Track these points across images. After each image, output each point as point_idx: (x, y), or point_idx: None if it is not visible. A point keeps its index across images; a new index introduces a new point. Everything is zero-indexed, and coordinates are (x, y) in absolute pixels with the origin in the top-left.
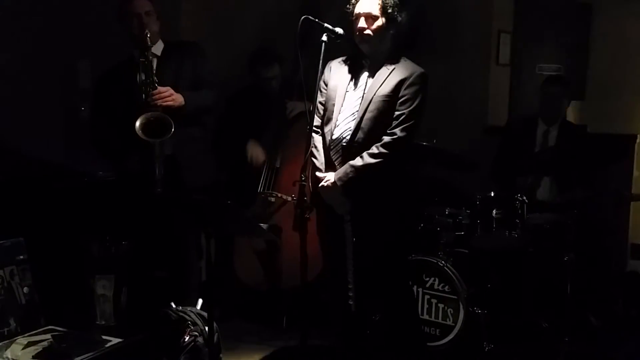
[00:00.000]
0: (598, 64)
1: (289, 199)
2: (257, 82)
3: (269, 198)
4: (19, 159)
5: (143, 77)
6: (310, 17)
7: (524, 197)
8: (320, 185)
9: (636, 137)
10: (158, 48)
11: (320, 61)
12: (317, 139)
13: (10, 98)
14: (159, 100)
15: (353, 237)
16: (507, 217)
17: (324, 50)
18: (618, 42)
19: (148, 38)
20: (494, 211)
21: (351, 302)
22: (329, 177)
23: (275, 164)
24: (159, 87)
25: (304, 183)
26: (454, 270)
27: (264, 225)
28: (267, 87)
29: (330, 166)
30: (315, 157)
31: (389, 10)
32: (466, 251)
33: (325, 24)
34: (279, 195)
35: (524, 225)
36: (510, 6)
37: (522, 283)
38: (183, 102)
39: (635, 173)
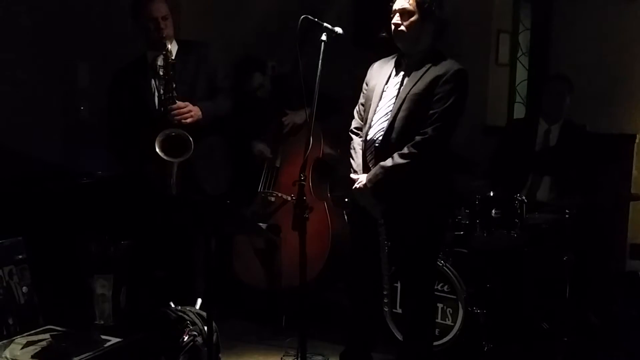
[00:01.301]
0: (598, 63)
1: (289, 198)
2: (245, 89)
3: (269, 197)
4: (18, 159)
5: (162, 91)
6: (309, 16)
7: (523, 197)
8: (353, 187)
9: (635, 137)
10: (173, 49)
11: (320, 61)
12: (357, 141)
13: (10, 98)
14: (178, 117)
15: (387, 240)
16: (506, 217)
17: (323, 50)
18: (617, 41)
19: (170, 53)
20: (493, 211)
21: (386, 309)
22: (362, 179)
23: (275, 163)
24: (177, 103)
25: (303, 183)
26: (453, 270)
27: (263, 225)
28: (253, 97)
29: (366, 168)
30: (352, 159)
31: (425, 6)
32: (465, 251)
33: (325, 24)
34: (279, 194)
35: (523, 225)
36: (509, 6)
37: (521, 283)
38: (201, 116)
39: (635, 173)
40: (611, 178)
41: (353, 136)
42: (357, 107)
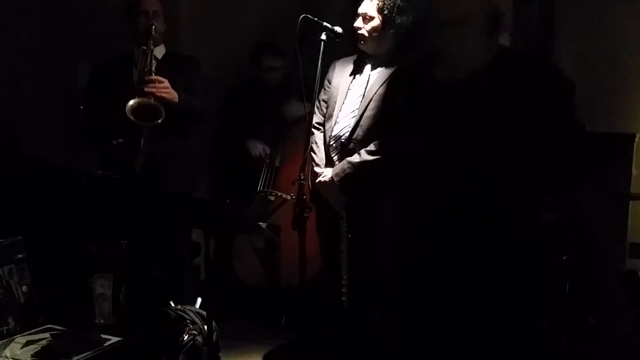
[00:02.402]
0: (596, 62)
1: (289, 197)
2: (260, 73)
3: (269, 197)
4: (18, 158)
5: (142, 64)
6: (309, 15)
7: None
8: (317, 181)
9: (635, 136)
10: (159, 52)
11: (320, 60)
12: (318, 136)
13: (9, 98)
14: (154, 89)
15: (347, 233)
16: None
17: (323, 49)
18: (616, 40)
19: (154, 28)
20: None
21: (344, 298)
22: (326, 173)
23: (275, 162)
24: (157, 77)
25: (303, 182)
26: None
27: (263, 224)
28: (270, 78)
29: (329, 162)
30: (315, 153)
31: (386, 12)
32: None
33: (325, 23)
34: (279, 194)
35: None
36: (509, 6)
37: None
38: (176, 99)
39: (634, 172)
40: (610, 177)
41: (315, 131)
42: (317, 103)
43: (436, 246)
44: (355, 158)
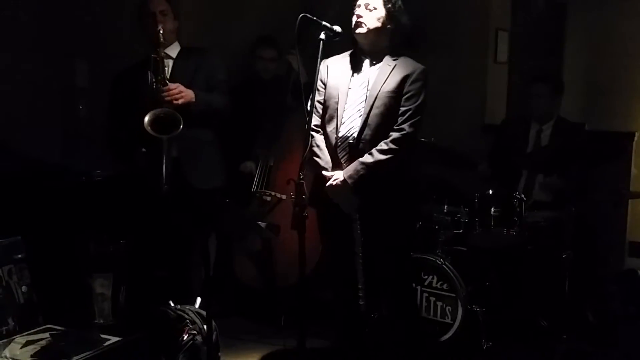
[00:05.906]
0: (596, 61)
1: (284, 197)
2: (254, 65)
3: (264, 197)
4: (17, 158)
5: (154, 74)
6: (308, 15)
7: (522, 195)
8: (328, 184)
9: (634, 135)
10: (174, 50)
11: (319, 59)
12: (319, 139)
13: (8, 96)
14: (169, 98)
15: (361, 235)
16: (506, 214)
17: (322, 48)
18: (615, 39)
19: (161, 34)
20: (492, 209)
21: (362, 302)
22: (338, 176)
23: (269, 162)
24: (169, 84)
25: (302, 181)
26: (452, 268)
27: (262, 224)
28: (263, 69)
29: (336, 165)
30: (319, 157)
31: (389, 5)
32: (464, 249)
33: (324, 22)
34: (274, 193)
35: (522, 223)
36: (507, 4)
37: (521, 281)
38: (193, 98)
39: (634, 171)
40: (610, 176)
41: (315, 134)
42: (315, 105)
43: None
44: (368, 158)
